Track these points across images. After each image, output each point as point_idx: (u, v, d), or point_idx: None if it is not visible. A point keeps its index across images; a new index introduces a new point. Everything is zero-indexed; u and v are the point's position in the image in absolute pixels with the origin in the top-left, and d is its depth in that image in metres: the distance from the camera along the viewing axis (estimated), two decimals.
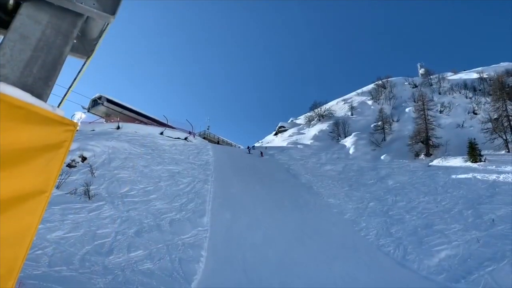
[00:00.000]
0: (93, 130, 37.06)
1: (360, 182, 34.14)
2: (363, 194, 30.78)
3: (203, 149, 41.28)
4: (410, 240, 21.21)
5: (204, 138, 53.97)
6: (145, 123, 46.59)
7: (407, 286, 16.56)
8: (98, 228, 18.30)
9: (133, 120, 46.29)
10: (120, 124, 40.43)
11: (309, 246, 21.26)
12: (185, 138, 44.58)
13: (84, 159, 26.93)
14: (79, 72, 2.63)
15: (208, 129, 60.82)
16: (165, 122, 48.74)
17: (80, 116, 23.83)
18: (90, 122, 43.26)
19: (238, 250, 19.83)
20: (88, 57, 2.60)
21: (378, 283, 16.89)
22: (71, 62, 2.46)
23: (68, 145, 1.56)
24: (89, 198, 21.16)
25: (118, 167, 26.58)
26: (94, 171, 24.54)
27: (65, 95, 2.82)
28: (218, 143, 57.13)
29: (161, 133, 42.66)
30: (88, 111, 46.42)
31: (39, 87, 1.78)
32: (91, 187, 21.90)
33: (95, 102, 47.59)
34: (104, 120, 45.96)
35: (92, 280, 14.05)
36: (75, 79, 2.70)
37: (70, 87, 2.76)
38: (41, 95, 1.75)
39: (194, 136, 47.73)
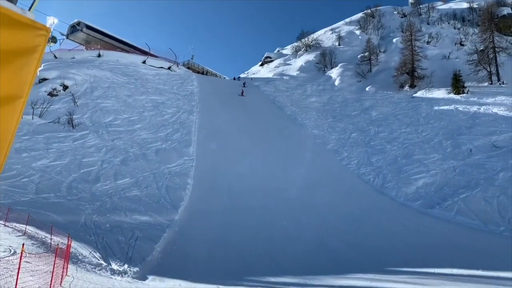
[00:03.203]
0: (73, 58, 35.91)
1: (344, 113, 34.39)
2: (346, 125, 31.16)
3: (187, 79, 40.57)
4: (389, 169, 21.94)
5: (188, 68, 52.61)
6: (127, 52, 45.06)
7: (385, 211, 17.42)
8: (83, 156, 18.42)
9: (114, 48, 44.67)
10: (101, 52, 39.09)
11: (293, 175, 21.88)
12: (169, 68, 43.51)
13: (65, 87, 26.38)
14: None
15: (192, 58, 59.13)
16: (148, 51, 47.14)
17: (52, 21, 22.84)
18: (69, 50, 41.70)
19: (223, 179, 20.32)
20: None
21: (357, 208, 17.69)
22: None
23: (41, 50, 1.52)
24: (73, 127, 21.05)
25: (101, 96, 26.19)
26: (76, 100, 24.16)
27: None
28: (203, 73, 55.96)
29: (144, 62, 41.48)
30: (67, 38, 44.56)
31: None
32: (74, 116, 21.70)
33: (73, 28, 45.41)
34: (84, 47, 44.29)
35: (80, 206, 14.42)
36: None
37: None
38: None
39: (178, 66, 46.61)
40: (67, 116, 21.43)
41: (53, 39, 28.53)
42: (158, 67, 41.91)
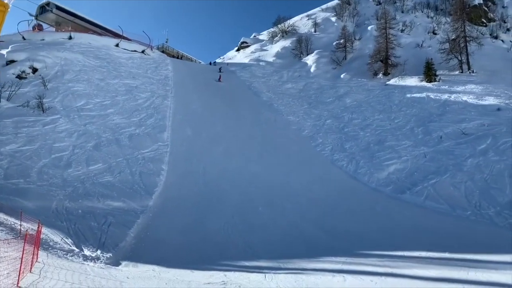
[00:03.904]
0: (43, 40, 34.61)
1: (319, 100, 34.65)
2: (321, 112, 31.44)
3: (162, 63, 39.90)
4: (362, 155, 22.35)
5: (162, 51, 51.61)
6: (99, 34, 43.77)
7: (357, 196, 17.79)
8: (54, 141, 17.97)
9: (86, 31, 43.27)
10: (72, 34, 37.81)
11: (268, 160, 22.02)
12: (142, 51, 42.58)
13: (35, 70, 25.50)
14: None
15: (166, 42, 57.87)
16: (121, 34, 45.94)
17: None
18: (37, 31, 40.21)
19: (199, 164, 20.27)
20: None
21: (331, 194, 18.01)
22: None
23: None
24: (43, 111, 20.45)
25: (72, 80, 25.46)
26: (46, 84, 23.41)
27: None
28: (178, 57, 55.09)
29: (117, 45, 40.41)
30: (36, 19, 42.93)
31: None
32: (44, 100, 21.04)
33: (43, 9, 43.65)
34: (54, 29, 42.79)
35: (51, 192, 14.13)
36: None
37: None
38: None
39: (152, 50, 45.72)
40: (36, 99, 20.76)
41: None
42: (132, 51, 40.94)
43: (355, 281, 7.70)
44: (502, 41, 44.46)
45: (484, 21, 48.74)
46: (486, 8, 50.51)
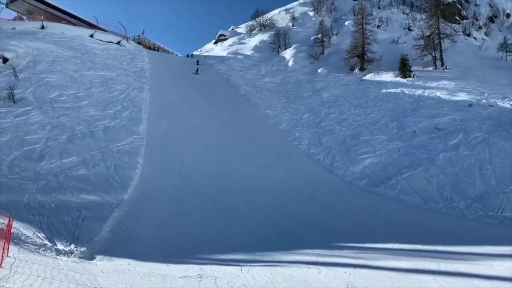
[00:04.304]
0: (14, 29, 33.47)
1: (296, 94, 34.84)
2: (298, 106, 31.62)
3: (138, 55, 39.25)
4: (338, 149, 22.61)
5: (138, 43, 50.77)
6: (73, 24, 42.73)
7: (333, 189, 18.00)
8: (26, 133, 17.48)
9: (59, 20, 42.13)
10: (45, 23, 36.73)
11: (245, 154, 22.03)
12: (118, 43, 41.78)
13: (5, 60, 24.68)
14: None
15: (143, 33, 56.90)
16: (96, 24, 44.95)
17: None
18: (10, 20, 38.94)
19: (175, 158, 20.10)
20: None
21: (307, 187, 18.18)
22: None
23: None
24: (14, 102, 19.84)
25: (45, 71, 24.76)
26: (18, 74, 22.71)
27: None
28: (154, 49, 54.32)
29: (91, 36, 39.48)
30: (7, 7, 41.60)
31: None
32: (15, 91, 20.39)
33: None
34: (26, 18, 41.53)
35: (23, 185, 13.76)
36: None
37: None
38: None
39: (128, 41, 44.93)
40: (7, 90, 20.11)
41: None
42: (107, 42, 40.10)
43: (329, 272, 7.81)
44: (474, 38, 45.73)
45: (458, 18, 49.99)
46: (459, 6, 51.75)
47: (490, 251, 9.49)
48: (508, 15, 50.61)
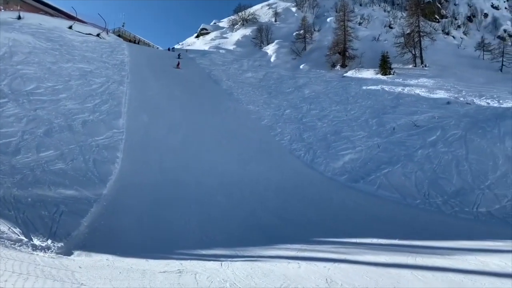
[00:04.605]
0: None
1: (279, 90, 34.91)
2: (280, 101, 31.70)
3: (118, 48, 38.62)
4: (319, 145, 22.79)
5: (118, 36, 50.00)
6: (51, 15, 41.78)
7: (313, 185, 18.15)
8: (1, 126, 17.01)
9: (36, 11, 41.12)
10: (22, 13, 35.79)
11: (227, 149, 21.97)
12: (98, 35, 40.99)
13: None
14: None
15: (123, 26, 56.08)
16: (75, 16, 44.06)
17: None
18: None
19: (155, 153, 19.88)
20: None
21: (289, 182, 18.27)
22: None
23: None
24: None
25: (21, 62, 24.13)
26: None
27: None
28: (134, 42, 53.58)
29: (70, 27, 38.60)
30: None
31: None
32: None
33: None
34: (2, 8, 40.39)
35: None
36: None
37: None
38: None
39: (107, 33, 44.17)
40: None
41: None
42: (86, 34, 39.26)
43: (309, 267, 7.86)
44: (453, 37, 46.61)
45: (437, 17, 50.85)
46: (439, 5, 52.60)
47: (465, 246, 9.72)
48: (485, 15, 51.66)
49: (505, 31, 47.15)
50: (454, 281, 6.64)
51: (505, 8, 52.56)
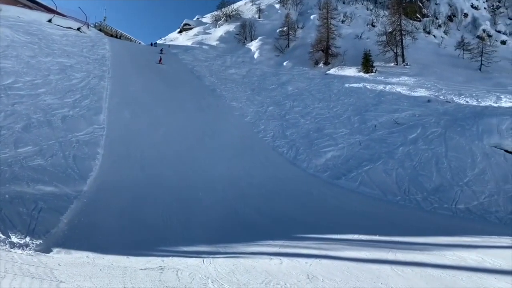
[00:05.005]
0: None
1: (262, 86, 34.90)
2: (264, 98, 31.71)
3: (99, 42, 37.99)
4: (302, 142, 22.90)
5: (100, 30, 49.15)
6: (30, 8, 40.83)
7: (296, 182, 18.24)
8: None
9: (15, 3, 40.06)
10: None
11: (209, 146, 21.90)
12: (78, 29, 40.21)
13: None
14: None
15: (104, 20, 55.12)
16: (54, 9, 43.12)
17: None
18: None
19: (136, 149, 19.66)
20: None
21: (271, 179, 18.32)
22: None
23: None
24: None
25: None
26: None
27: None
28: (116, 36, 52.82)
29: (50, 21, 37.74)
30: None
31: None
32: None
33: None
34: None
35: None
36: None
37: None
38: None
39: (88, 27, 43.39)
40: None
41: None
42: (66, 27, 38.46)
43: (291, 263, 7.90)
44: (434, 36, 47.25)
45: (419, 16, 51.42)
46: (420, 4, 53.20)
47: (443, 242, 9.93)
48: (465, 15, 52.52)
49: (484, 31, 48.00)
50: (433, 276, 6.76)
51: (485, 8, 53.55)
